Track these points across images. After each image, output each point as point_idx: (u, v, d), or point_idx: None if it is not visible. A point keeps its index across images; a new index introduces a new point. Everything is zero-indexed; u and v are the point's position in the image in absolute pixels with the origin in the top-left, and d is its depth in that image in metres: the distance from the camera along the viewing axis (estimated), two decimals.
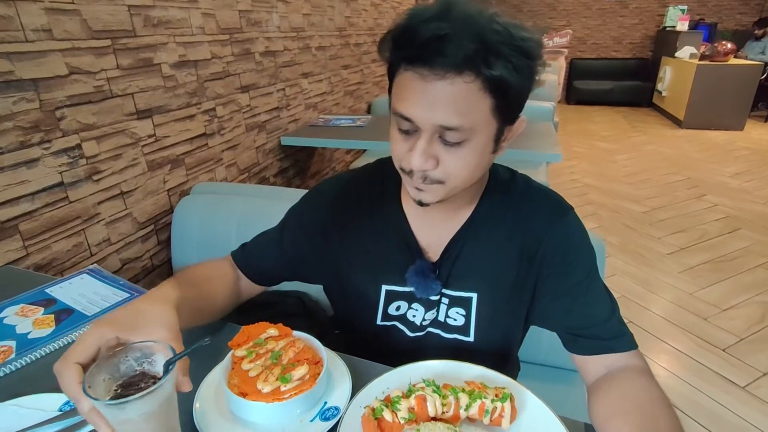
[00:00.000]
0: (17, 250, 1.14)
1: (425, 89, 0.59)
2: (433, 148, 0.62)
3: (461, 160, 0.63)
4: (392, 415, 0.57)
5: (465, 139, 0.61)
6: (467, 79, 0.57)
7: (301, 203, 0.88)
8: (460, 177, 0.65)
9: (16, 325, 0.83)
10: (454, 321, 0.79)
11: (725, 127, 5.97)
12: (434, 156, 0.63)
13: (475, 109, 0.59)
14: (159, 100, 1.53)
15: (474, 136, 0.61)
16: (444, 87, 0.58)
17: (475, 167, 0.66)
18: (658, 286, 2.60)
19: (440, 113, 0.59)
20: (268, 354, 0.66)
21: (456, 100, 0.58)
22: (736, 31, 7.13)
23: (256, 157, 2.17)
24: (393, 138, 0.67)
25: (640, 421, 0.58)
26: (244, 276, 0.88)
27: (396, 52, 0.62)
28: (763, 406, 1.77)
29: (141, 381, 0.50)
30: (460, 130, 0.60)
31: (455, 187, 0.67)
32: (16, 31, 1.09)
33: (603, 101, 7.85)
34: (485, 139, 0.63)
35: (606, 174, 4.49)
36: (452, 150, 0.62)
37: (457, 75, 0.57)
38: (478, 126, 0.61)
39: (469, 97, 0.58)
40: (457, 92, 0.58)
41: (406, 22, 0.60)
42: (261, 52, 2.13)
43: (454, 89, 0.58)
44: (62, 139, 1.22)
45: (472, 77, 0.57)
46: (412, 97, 0.60)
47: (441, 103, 0.59)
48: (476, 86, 0.58)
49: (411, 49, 0.58)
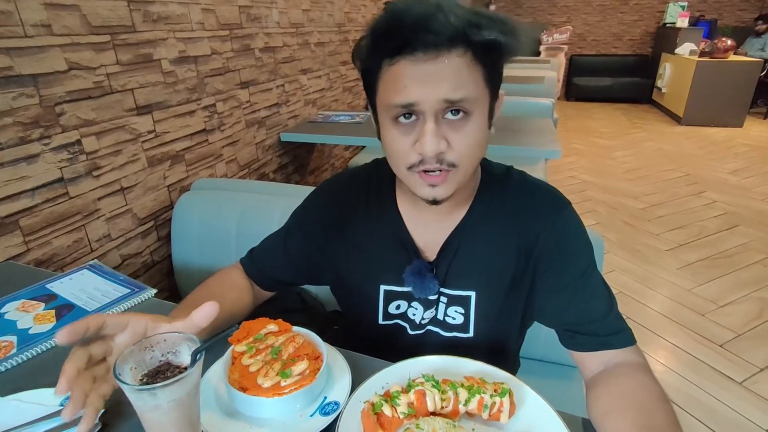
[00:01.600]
0: (18, 246, 1.14)
1: (423, 71, 0.60)
2: (441, 129, 0.63)
3: (468, 136, 0.64)
4: (392, 410, 0.58)
5: (469, 113, 0.63)
6: (459, 53, 0.60)
7: (302, 207, 0.89)
8: (470, 156, 0.66)
9: (17, 320, 0.83)
10: (453, 320, 0.79)
11: (725, 124, 5.97)
12: (443, 137, 0.63)
13: (472, 79, 0.62)
14: (159, 96, 1.53)
15: (475, 108, 0.63)
16: (440, 64, 0.60)
17: (480, 144, 0.67)
18: (657, 282, 2.61)
19: (444, 88, 0.60)
20: (268, 349, 0.67)
21: (455, 74, 0.60)
22: (737, 27, 7.11)
23: (255, 153, 2.17)
24: (391, 139, 0.66)
25: (637, 416, 0.58)
26: (254, 283, 0.89)
27: (379, 49, 0.63)
28: (759, 402, 1.78)
29: (167, 370, 0.51)
30: (465, 100, 0.61)
31: (466, 170, 0.67)
32: (16, 26, 1.09)
33: (602, 98, 7.84)
34: (483, 112, 0.65)
35: (605, 171, 4.50)
36: (458, 128, 0.63)
37: (450, 50, 0.60)
38: (478, 96, 0.63)
39: (464, 69, 0.61)
40: (454, 66, 0.60)
41: (388, 15, 0.62)
42: (261, 48, 2.13)
43: (450, 64, 0.60)
44: (62, 134, 1.22)
45: (462, 50, 0.60)
46: (410, 83, 0.61)
47: (442, 80, 0.60)
48: (468, 58, 0.61)
49: (399, 37, 0.60)
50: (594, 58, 8.12)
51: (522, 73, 4.12)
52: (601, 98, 7.86)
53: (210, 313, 0.58)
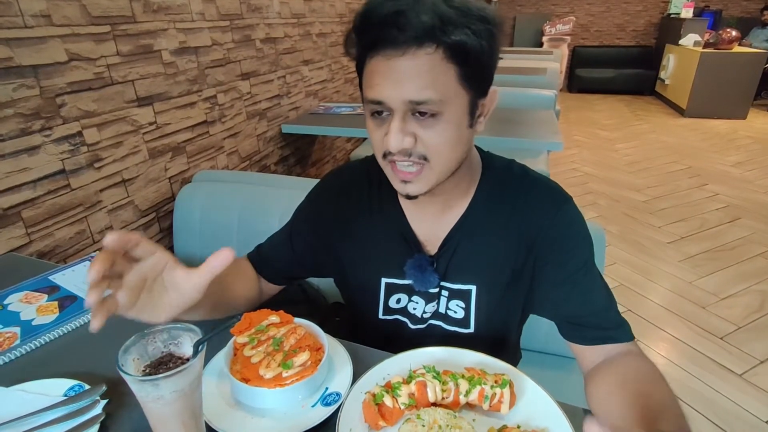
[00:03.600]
0: (20, 237, 1.15)
1: (390, 68, 0.60)
2: (408, 126, 0.63)
3: (439, 135, 0.63)
4: (393, 400, 0.58)
5: (438, 112, 0.62)
6: (428, 51, 0.59)
7: (306, 202, 0.89)
8: (443, 153, 0.65)
9: (21, 311, 0.84)
10: (455, 313, 0.80)
11: (728, 116, 5.93)
12: (411, 133, 0.63)
13: (441, 80, 0.60)
14: (159, 87, 1.53)
15: (446, 108, 0.62)
16: (407, 62, 0.59)
17: (455, 143, 0.66)
18: (658, 274, 2.61)
19: (408, 89, 0.60)
20: (269, 341, 0.67)
21: (421, 73, 0.59)
22: (741, 18, 7.06)
23: (257, 145, 2.17)
24: (369, 129, 0.68)
25: (633, 397, 0.59)
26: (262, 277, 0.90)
27: (360, 43, 0.64)
28: (759, 393, 1.79)
29: (169, 361, 0.51)
30: (429, 102, 0.60)
31: (440, 167, 0.66)
32: (15, 16, 1.08)
33: (605, 89, 7.80)
34: (458, 111, 0.64)
35: (607, 163, 4.48)
36: (428, 125, 0.63)
37: (418, 48, 0.58)
38: (447, 97, 0.61)
39: (433, 68, 0.59)
40: (420, 65, 0.59)
41: (363, 9, 0.61)
42: (261, 39, 2.12)
43: (417, 62, 0.59)
44: (63, 126, 1.22)
45: (432, 48, 0.59)
46: (379, 80, 0.61)
47: (407, 78, 0.60)
48: (438, 56, 0.59)
49: (371, 32, 0.60)
50: (597, 49, 8.07)
51: (524, 64, 4.10)
52: (603, 90, 7.82)
53: (226, 259, 0.57)
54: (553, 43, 7.41)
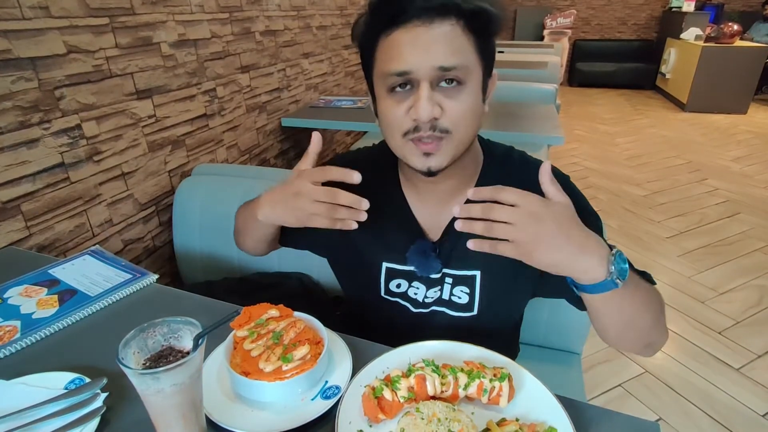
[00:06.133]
0: (20, 231, 1.15)
1: (417, 37, 0.63)
2: (435, 96, 0.65)
3: (463, 104, 0.66)
4: (392, 394, 0.58)
5: (463, 81, 0.65)
6: (452, 21, 0.63)
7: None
8: (464, 124, 0.67)
9: (21, 305, 0.84)
10: (459, 299, 0.80)
11: (729, 111, 5.91)
12: (438, 103, 0.65)
13: (465, 49, 0.65)
14: (159, 80, 1.52)
15: (469, 77, 0.66)
16: (435, 31, 0.63)
17: (474, 113, 0.68)
18: (657, 269, 2.61)
19: (439, 54, 0.63)
20: (269, 334, 0.67)
21: (448, 41, 0.63)
22: (743, 12, 7.01)
23: (256, 139, 2.16)
24: (386, 108, 0.69)
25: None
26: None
27: (377, 21, 0.66)
28: (756, 388, 1.80)
29: (169, 355, 0.51)
30: (458, 68, 0.64)
31: (460, 140, 0.69)
32: (13, 8, 1.07)
33: (606, 83, 7.76)
34: (477, 83, 0.68)
35: (607, 157, 4.48)
36: (452, 95, 0.65)
37: (444, 18, 0.63)
38: (471, 65, 0.66)
39: (457, 37, 0.64)
40: (447, 33, 0.63)
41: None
42: (261, 32, 2.11)
43: (444, 31, 0.63)
44: (62, 119, 1.21)
45: (454, 19, 0.63)
46: (405, 50, 0.64)
47: (436, 46, 0.63)
48: (460, 27, 0.64)
49: (395, 6, 0.63)
50: (598, 42, 8.01)
51: (525, 58, 4.08)
52: (604, 84, 7.78)
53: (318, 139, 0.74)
54: (553, 36, 7.37)
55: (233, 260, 1.46)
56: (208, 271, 1.51)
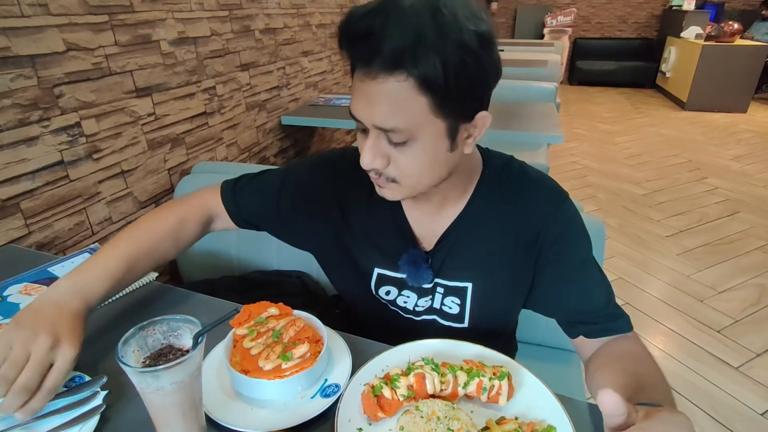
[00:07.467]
0: (19, 229, 1.14)
1: (363, 89, 0.58)
2: (382, 147, 0.62)
3: (412, 159, 0.62)
4: (391, 392, 0.58)
5: (408, 139, 0.60)
6: (400, 78, 0.55)
7: (306, 170, 0.86)
8: (415, 177, 0.64)
9: (20, 303, 0.84)
10: (450, 309, 0.80)
11: (729, 110, 5.91)
12: (384, 155, 0.62)
13: (410, 109, 0.57)
14: (158, 78, 1.52)
15: (417, 136, 0.59)
16: (377, 87, 0.56)
17: (431, 167, 0.64)
18: (656, 268, 2.62)
19: (376, 114, 0.58)
20: (269, 332, 0.67)
21: (388, 101, 0.57)
22: (744, 11, 7.01)
23: (256, 137, 2.16)
24: (357, 135, 0.67)
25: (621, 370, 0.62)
26: (223, 212, 0.88)
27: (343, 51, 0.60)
28: (755, 386, 1.80)
29: (169, 353, 0.52)
30: (396, 131, 0.58)
31: (413, 186, 0.66)
32: (12, 5, 1.07)
33: (606, 82, 7.76)
34: (433, 138, 0.60)
35: (607, 156, 4.47)
36: (401, 149, 0.61)
37: (389, 74, 0.55)
38: (418, 126, 0.58)
39: (402, 97, 0.56)
40: (389, 92, 0.56)
41: (343, 22, 0.57)
42: (261, 30, 2.10)
43: (386, 89, 0.56)
44: (61, 117, 1.21)
45: (404, 76, 0.55)
46: (355, 97, 0.61)
47: (376, 104, 0.58)
48: (409, 85, 0.55)
49: (348, 49, 0.58)
50: (598, 41, 8.00)
51: (525, 56, 4.08)
52: (604, 82, 7.78)
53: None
54: (554, 34, 7.36)
55: (233, 258, 1.46)
56: (207, 270, 1.51)
